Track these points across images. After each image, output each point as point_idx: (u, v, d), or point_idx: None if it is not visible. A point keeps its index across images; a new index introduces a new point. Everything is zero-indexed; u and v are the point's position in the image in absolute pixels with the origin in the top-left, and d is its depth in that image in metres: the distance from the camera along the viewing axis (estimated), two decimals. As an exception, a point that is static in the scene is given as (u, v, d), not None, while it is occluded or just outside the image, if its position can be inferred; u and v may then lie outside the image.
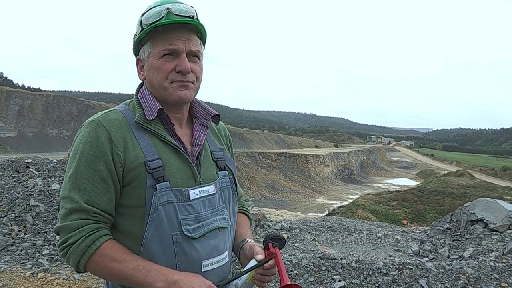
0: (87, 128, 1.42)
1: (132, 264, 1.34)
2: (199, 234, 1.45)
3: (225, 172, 1.63)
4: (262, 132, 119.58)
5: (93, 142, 1.39)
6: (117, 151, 1.39)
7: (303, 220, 10.73)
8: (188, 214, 1.44)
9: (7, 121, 63.13)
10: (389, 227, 11.14)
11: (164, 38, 1.45)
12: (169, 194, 1.41)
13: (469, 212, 7.22)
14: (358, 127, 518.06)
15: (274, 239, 1.56)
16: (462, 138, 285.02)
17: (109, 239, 1.39)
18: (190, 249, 1.44)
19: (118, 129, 1.43)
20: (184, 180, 1.46)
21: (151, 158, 1.41)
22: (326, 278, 4.96)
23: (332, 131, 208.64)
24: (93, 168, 1.37)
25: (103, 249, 1.35)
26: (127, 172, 1.40)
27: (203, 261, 1.46)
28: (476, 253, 5.92)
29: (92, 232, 1.35)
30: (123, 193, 1.43)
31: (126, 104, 1.56)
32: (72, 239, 1.34)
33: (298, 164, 67.09)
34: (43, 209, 6.47)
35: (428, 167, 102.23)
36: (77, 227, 1.35)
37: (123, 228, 1.44)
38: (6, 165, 7.83)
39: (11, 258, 5.37)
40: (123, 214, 1.44)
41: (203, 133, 1.59)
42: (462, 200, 31.52)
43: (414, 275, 4.88)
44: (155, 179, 1.40)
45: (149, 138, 1.46)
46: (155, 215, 1.39)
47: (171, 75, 1.46)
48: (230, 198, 1.63)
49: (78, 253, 1.34)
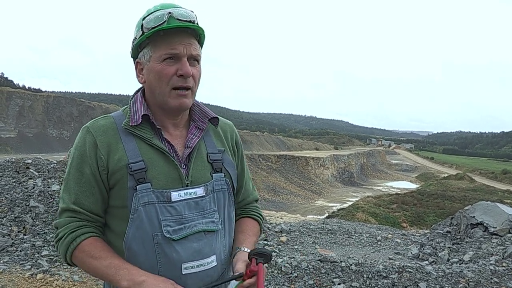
0: (79, 134, 1.54)
1: (105, 262, 1.40)
2: (180, 236, 1.45)
3: (221, 174, 1.61)
4: (262, 134, 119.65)
5: (81, 148, 1.50)
6: (100, 155, 1.47)
7: (303, 223, 10.71)
8: (170, 216, 1.46)
9: (8, 122, 63.21)
10: (389, 230, 11.12)
11: (166, 42, 1.46)
12: (150, 195, 1.44)
13: (469, 216, 7.21)
14: (358, 129, 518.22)
15: (259, 254, 1.49)
16: (462, 141, 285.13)
17: (91, 237, 1.46)
18: (170, 250, 1.45)
19: (104, 134, 1.50)
20: (167, 182, 1.48)
21: (134, 160, 1.46)
22: (326, 281, 4.95)
23: (332, 134, 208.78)
24: (80, 171, 1.48)
25: (83, 245, 1.43)
26: (111, 175, 1.47)
27: (183, 263, 1.46)
28: (476, 256, 5.91)
29: (75, 229, 1.45)
30: (111, 195, 1.50)
31: (123, 110, 1.60)
32: (60, 235, 1.47)
33: (298, 167, 67.13)
34: (42, 210, 6.46)
35: (428, 170, 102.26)
36: (64, 224, 1.47)
37: (114, 228, 1.51)
38: (6, 166, 7.82)
39: (10, 259, 5.37)
40: (112, 214, 1.52)
41: (197, 136, 1.60)
42: (462, 203, 31.49)
43: (414, 278, 4.88)
44: (136, 180, 1.44)
45: (136, 141, 1.50)
46: (135, 215, 1.43)
47: (173, 79, 1.47)
48: (224, 201, 1.61)
49: (64, 248, 1.45)
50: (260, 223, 1.82)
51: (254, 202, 1.85)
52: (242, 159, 1.80)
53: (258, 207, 1.86)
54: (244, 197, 1.80)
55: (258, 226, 1.80)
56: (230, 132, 1.76)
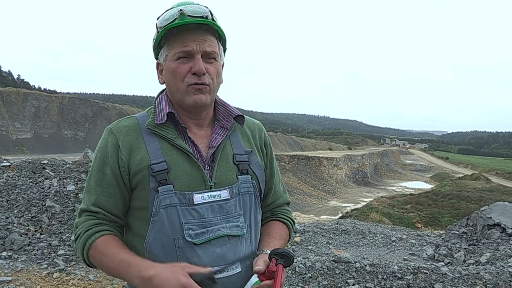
0: (103, 135, 1.52)
1: (117, 259, 1.35)
2: (202, 240, 1.40)
3: (248, 176, 1.53)
4: (275, 134, 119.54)
5: (103, 149, 1.48)
6: (121, 156, 1.44)
7: (316, 223, 10.68)
8: (192, 219, 1.40)
9: (24, 123, 64.10)
10: (403, 230, 11.03)
11: (179, 40, 1.44)
12: (172, 197, 1.39)
13: (485, 217, 7.11)
14: (372, 129, 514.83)
15: (279, 254, 1.41)
16: (478, 141, 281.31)
17: (105, 235, 1.42)
18: (192, 255, 1.39)
19: (126, 135, 1.48)
20: (190, 184, 1.43)
21: (156, 161, 1.42)
22: (340, 281, 4.92)
23: (346, 134, 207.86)
24: (102, 172, 1.46)
25: (97, 243, 1.40)
26: (133, 176, 1.44)
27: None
28: (493, 258, 5.83)
29: (90, 227, 1.42)
30: (132, 196, 1.47)
31: (147, 110, 1.58)
32: (77, 234, 1.44)
33: (311, 167, 66.95)
34: (58, 209, 6.53)
35: (443, 170, 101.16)
36: (81, 223, 1.45)
37: (134, 229, 1.48)
38: (23, 166, 7.93)
39: (27, 258, 5.44)
40: (133, 216, 1.49)
41: (221, 135, 1.53)
42: (478, 204, 31.11)
43: (430, 279, 4.82)
44: (158, 182, 1.40)
45: (158, 142, 1.46)
46: (156, 217, 1.39)
47: (187, 77, 1.44)
48: (251, 205, 1.53)
49: (80, 246, 1.42)
50: (289, 227, 1.71)
51: (285, 205, 1.76)
52: (272, 160, 1.72)
53: (289, 211, 1.76)
54: (274, 200, 1.72)
55: (287, 230, 1.70)
56: (258, 132, 1.69)
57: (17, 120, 63.05)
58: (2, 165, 8.02)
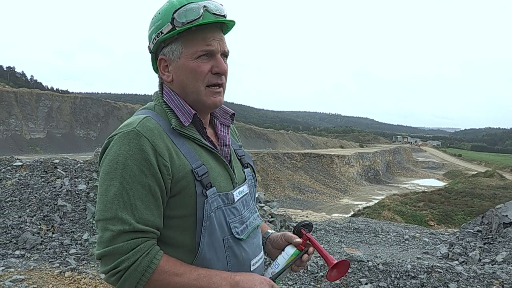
0: (124, 140, 1.29)
1: (193, 275, 1.29)
2: (246, 234, 1.46)
3: (249, 169, 1.63)
4: (286, 132, 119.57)
5: (136, 155, 1.27)
6: (163, 162, 1.29)
7: (328, 221, 10.63)
8: (234, 217, 1.44)
9: (37, 123, 64.83)
10: (416, 228, 10.93)
11: (200, 38, 1.38)
12: (217, 199, 1.38)
13: (501, 215, 7.00)
14: (384, 127, 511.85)
15: (305, 225, 1.60)
16: (492, 138, 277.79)
17: (163, 254, 1.31)
18: (240, 251, 1.43)
19: (159, 138, 1.32)
20: (226, 184, 1.44)
21: (196, 165, 1.36)
22: (353, 280, 4.87)
23: (357, 131, 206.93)
24: (141, 184, 1.27)
25: (162, 265, 1.27)
26: (176, 183, 1.32)
27: (251, 260, 1.47)
28: (510, 257, 5.72)
29: (148, 250, 1.26)
30: (170, 204, 1.34)
31: (151, 109, 1.45)
32: (128, 262, 1.23)
33: (323, 165, 66.77)
34: (70, 209, 6.57)
35: (456, 167, 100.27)
36: (131, 248, 1.24)
37: (170, 240, 1.36)
38: (35, 166, 7.99)
39: (40, 257, 5.47)
40: (171, 226, 1.35)
41: (227, 133, 1.56)
42: (492, 201, 30.77)
43: (444, 279, 4.74)
44: (204, 186, 1.35)
45: (188, 144, 1.40)
46: (208, 222, 1.35)
47: (207, 77, 1.40)
48: (255, 194, 1.65)
49: (137, 275, 1.24)
50: None
51: None
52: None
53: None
54: None
55: None
56: (234, 127, 1.75)
57: (31, 120, 63.76)
58: (15, 165, 8.10)
